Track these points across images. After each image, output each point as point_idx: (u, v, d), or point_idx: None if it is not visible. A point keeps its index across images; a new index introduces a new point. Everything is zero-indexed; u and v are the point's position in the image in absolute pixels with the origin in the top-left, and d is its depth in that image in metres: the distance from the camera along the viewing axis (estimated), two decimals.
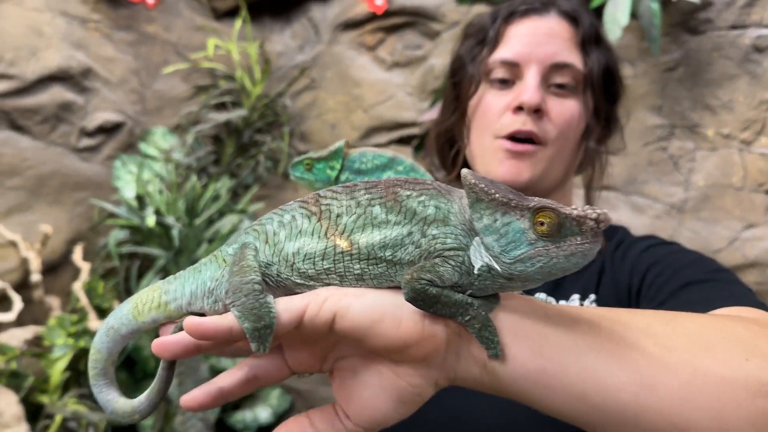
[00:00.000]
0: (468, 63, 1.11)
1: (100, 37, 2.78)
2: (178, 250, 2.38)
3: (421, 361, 0.53)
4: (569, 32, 1.08)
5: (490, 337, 0.52)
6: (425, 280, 0.51)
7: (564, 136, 1.06)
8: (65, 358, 2.31)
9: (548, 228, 0.50)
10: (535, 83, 1.03)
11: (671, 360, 0.53)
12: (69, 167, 2.65)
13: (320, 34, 2.93)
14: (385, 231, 0.54)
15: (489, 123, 1.07)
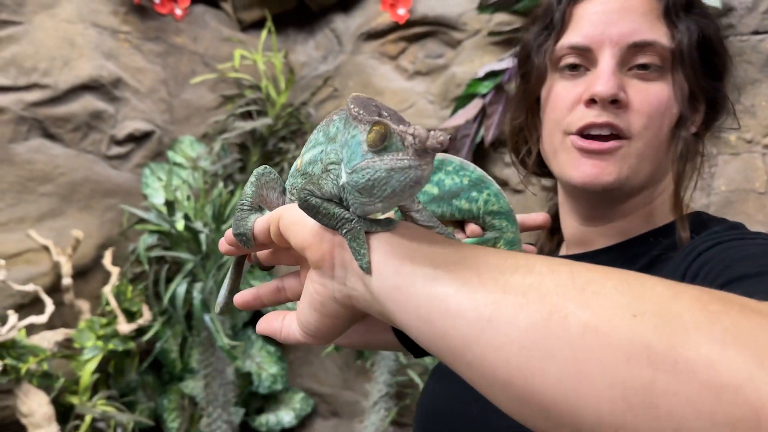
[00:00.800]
0: (534, 51, 0.98)
1: (129, 48, 2.86)
2: (206, 255, 2.43)
3: (317, 266, 0.55)
4: (649, 2, 0.91)
5: (358, 248, 0.52)
6: (307, 190, 0.53)
7: (653, 126, 0.89)
8: (95, 360, 2.37)
9: (372, 138, 0.49)
10: (609, 70, 0.88)
11: (531, 296, 0.44)
12: (99, 174, 2.72)
13: (343, 45, 2.98)
14: (314, 150, 0.60)
15: (558, 117, 0.94)
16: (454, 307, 0.47)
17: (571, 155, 0.92)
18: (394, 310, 0.50)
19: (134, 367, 2.58)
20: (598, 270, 0.45)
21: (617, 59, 0.89)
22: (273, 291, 0.68)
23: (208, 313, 2.35)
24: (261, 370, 2.79)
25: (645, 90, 0.89)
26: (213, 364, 2.46)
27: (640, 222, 0.97)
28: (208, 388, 2.49)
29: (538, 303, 0.43)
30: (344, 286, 0.54)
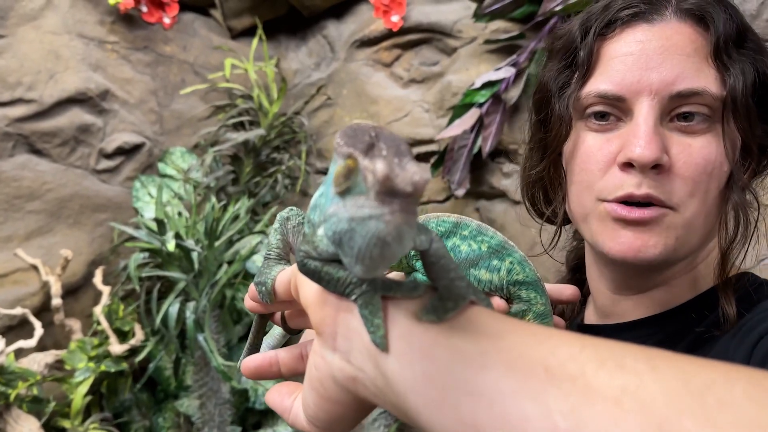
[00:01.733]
0: (555, 95, 0.83)
1: (117, 59, 2.79)
2: (198, 273, 2.37)
3: (317, 332, 0.45)
4: (695, 41, 0.75)
5: (371, 316, 0.41)
6: (302, 251, 0.44)
7: (699, 192, 0.74)
8: (87, 382, 2.32)
9: (336, 178, 0.38)
10: (648, 129, 0.72)
11: (627, 404, 0.33)
12: (89, 189, 2.66)
13: (336, 52, 2.92)
14: (321, 188, 0.47)
15: (590, 180, 0.79)
16: (516, 413, 0.35)
17: (607, 225, 0.77)
18: (418, 405, 0.39)
19: (128, 387, 2.53)
20: (717, 369, 0.33)
21: (657, 113, 0.74)
22: (294, 358, 0.57)
23: (202, 332, 2.29)
24: (257, 386, 2.73)
25: (689, 147, 0.74)
26: (208, 384, 2.41)
27: (683, 290, 0.84)
28: (203, 408, 2.43)
29: (640, 415, 0.32)
30: (347, 364, 0.43)
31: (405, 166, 0.36)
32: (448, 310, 0.41)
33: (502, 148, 2.42)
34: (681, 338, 0.80)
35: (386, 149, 0.37)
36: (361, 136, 0.39)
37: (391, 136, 0.39)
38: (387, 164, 0.35)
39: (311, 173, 2.93)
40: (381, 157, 0.36)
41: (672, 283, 0.84)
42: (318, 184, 2.90)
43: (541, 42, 2.31)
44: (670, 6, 0.77)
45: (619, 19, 0.78)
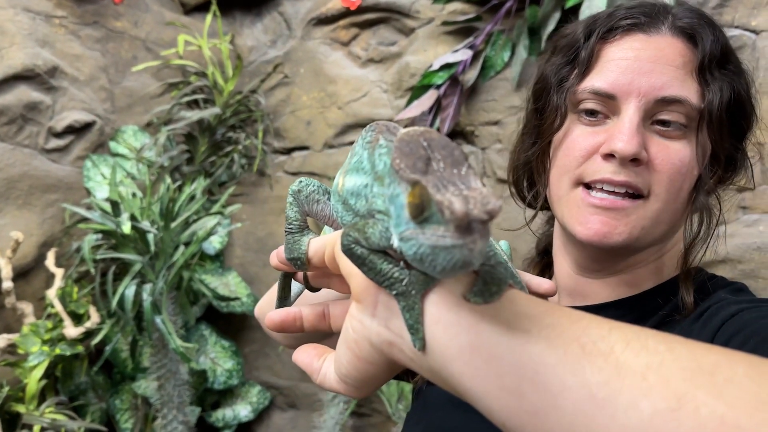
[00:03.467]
0: (553, 87, 0.91)
1: (66, 34, 2.71)
2: (154, 254, 2.35)
3: (357, 299, 0.49)
4: (684, 55, 0.84)
5: (411, 320, 0.45)
6: (351, 237, 0.47)
7: (673, 188, 0.83)
8: (41, 366, 2.28)
9: (411, 207, 0.41)
10: (632, 126, 0.81)
11: (651, 378, 0.38)
12: (38, 169, 2.59)
13: (293, 29, 2.89)
14: (356, 177, 0.52)
15: (571, 165, 0.87)
16: (558, 383, 0.40)
17: (579, 208, 0.85)
18: (462, 373, 0.43)
19: (83, 370, 2.50)
20: (721, 352, 0.40)
21: (642, 113, 0.82)
22: (317, 315, 0.61)
23: (159, 314, 2.28)
24: (216, 366, 2.74)
25: (666, 148, 0.83)
26: (166, 365, 2.40)
27: (646, 278, 0.92)
28: (162, 390, 2.43)
29: (662, 388, 0.37)
30: (385, 330, 0.47)
31: (472, 186, 0.39)
32: (492, 293, 0.45)
33: (460, 129, 2.45)
34: (644, 321, 0.86)
35: (443, 160, 0.41)
36: (415, 150, 0.42)
37: (442, 141, 0.43)
38: (461, 200, 0.38)
39: (268, 152, 2.92)
40: (447, 184, 0.39)
41: (636, 270, 0.91)
42: (275, 163, 2.89)
43: (498, 24, 2.33)
44: (666, 22, 0.86)
45: (620, 27, 0.86)
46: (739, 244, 1.99)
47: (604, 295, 0.93)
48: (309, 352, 0.58)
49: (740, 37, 1.99)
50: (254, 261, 2.94)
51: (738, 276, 2.01)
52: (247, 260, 2.95)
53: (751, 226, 2.00)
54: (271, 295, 1.06)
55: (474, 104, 2.42)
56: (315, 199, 0.61)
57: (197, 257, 2.63)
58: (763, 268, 1.97)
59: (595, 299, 0.94)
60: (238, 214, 2.90)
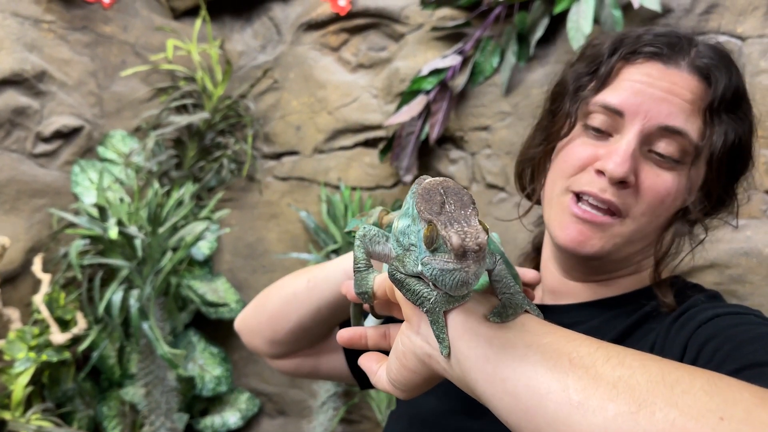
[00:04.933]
0: (569, 94, 0.95)
1: (54, 39, 2.69)
2: (142, 260, 2.33)
3: (407, 318, 0.62)
4: (696, 93, 0.87)
5: (438, 332, 0.58)
6: (394, 265, 0.60)
7: (652, 214, 0.89)
8: (27, 372, 2.26)
9: (425, 239, 0.55)
10: (628, 150, 0.85)
11: (621, 387, 0.48)
12: (26, 174, 2.57)
13: (282, 34, 2.89)
14: (404, 220, 0.64)
15: (565, 171, 0.92)
16: (544, 387, 0.51)
17: (563, 214, 0.92)
18: (477, 379, 0.55)
19: (70, 377, 2.48)
20: (686, 369, 0.48)
21: (642, 137, 0.87)
22: (379, 335, 0.75)
23: (147, 320, 2.26)
24: (204, 373, 2.72)
25: (656, 177, 0.88)
26: (154, 372, 2.38)
27: (626, 284, 0.98)
28: (149, 396, 2.41)
29: (628, 395, 0.46)
30: (426, 344, 0.60)
31: (471, 224, 0.53)
32: (508, 315, 0.58)
33: (449, 134, 2.46)
34: (627, 317, 0.91)
35: (454, 204, 0.55)
36: (433, 197, 0.56)
37: (455, 189, 0.57)
38: (458, 235, 0.52)
39: (258, 157, 2.91)
40: (452, 223, 0.53)
41: (616, 278, 0.97)
42: (265, 168, 2.88)
43: (487, 30, 2.34)
44: (687, 57, 0.89)
45: (643, 53, 0.90)
46: (726, 249, 2.00)
47: (585, 296, 0.99)
48: (371, 357, 0.71)
49: (726, 44, 2.00)
50: (243, 267, 2.92)
51: (726, 281, 2.01)
52: (236, 266, 2.93)
53: (739, 232, 2.01)
54: (253, 309, 1.16)
55: (463, 110, 2.42)
56: (376, 241, 0.71)
57: (185, 263, 2.61)
58: (751, 273, 1.98)
59: (577, 299, 1.00)
60: (227, 220, 2.89)
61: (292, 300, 1.06)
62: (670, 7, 2.05)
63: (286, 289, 1.08)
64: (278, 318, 1.08)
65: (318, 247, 2.71)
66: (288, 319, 1.07)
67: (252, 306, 1.16)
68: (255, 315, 1.14)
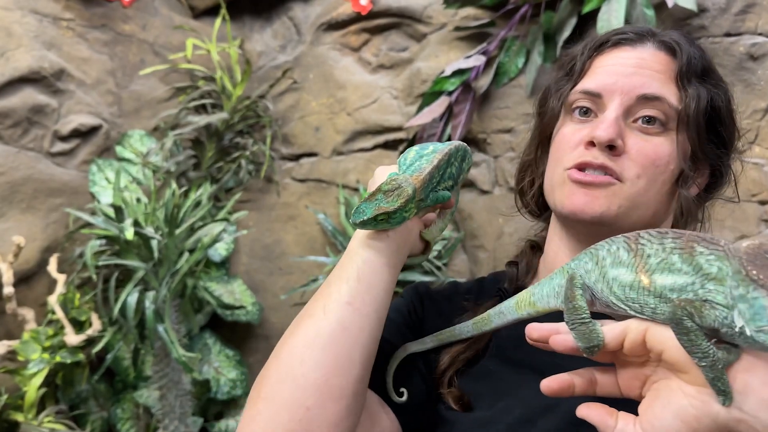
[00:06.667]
0: (553, 94, 1.03)
1: (73, 37, 2.68)
2: (158, 261, 2.30)
3: (697, 383, 0.61)
4: (665, 64, 0.95)
5: (722, 387, 0.59)
6: (687, 311, 0.60)
7: (647, 176, 0.92)
8: (41, 373, 2.24)
9: None
10: (612, 117, 0.91)
11: None
12: (43, 173, 2.55)
13: (302, 34, 2.85)
14: (676, 277, 0.64)
15: (561, 155, 0.97)
16: None
17: (566, 185, 0.95)
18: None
19: (84, 378, 2.45)
20: None
21: (624, 108, 0.92)
22: (586, 382, 0.71)
23: (162, 323, 2.23)
24: (219, 376, 2.68)
25: (644, 141, 0.92)
26: (168, 374, 2.35)
27: None
28: (164, 400, 2.37)
29: None
30: (737, 411, 0.60)
31: None
32: None
33: (472, 137, 2.40)
34: None
35: None
36: (766, 262, 0.58)
37: None
38: None
39: (276, 158, 2.87)
40: None
41: None
42: (283, 170, 2.84)
43: (512, 30, 2.28)
44: (652, 38, 0.98)
45: (610, 41, 0.99)
46: None
47: None
48: (599, 410, 0.68)
49: (764, 45, 1.93)
50: (260, 269, 2.88)
51: None
52: (253, 268, 2.89)
53: None
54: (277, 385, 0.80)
55: (486, 111, 2.36)
56: (586, 288, 0.73)
57: (202, 264, 2.58)
58: None
59: None
60: (245, 221, 2.85)
61: (343, 338, 0.78)
62: (704, 6, 1.98)
63: (327, 328, 0.79)
64: (335, 373, 0.77)
65: (336, 250, 2.66)
66: (352, 364, 0.78)
67: (272, 383, 0.78)
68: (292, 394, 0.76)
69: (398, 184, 0.80)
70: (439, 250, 2.48)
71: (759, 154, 1.98)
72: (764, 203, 1.99)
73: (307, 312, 0.82)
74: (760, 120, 1.97)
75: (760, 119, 1.97)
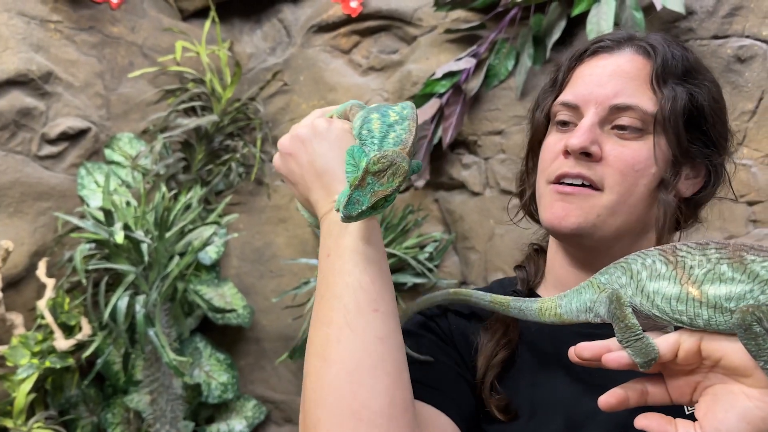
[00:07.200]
0: (539, 107, 1.05)
1: (61, 39, 2.66)
2: (148, 265, 2.29)
3: (746, 374, 0.63)
4: (641, 68, 0.95)
5: None
6: (756, 316, 0.62)
7: (627, 182, 0.92)
8: (30, 379, 2.22)
9: None
10: (586, 125, 0.92)
11: None
12: (30, 176, 2.53)
13: (292, 36, 2.84)
14: (731, 286, 0.65)
15: (544, 167, 0.99)
16: None
17: (547, 199, 0.97)
18: None
19: (74, 383, 2.43)
20: None
21: (598, 117, 0.94)
22: (639, 393, 0.72)
23: (152, 327, 2.22)
24: (210, 380, 2.67)
25: (621, 147, 0.93)
26: (159, 379, 2.33)
27: None
28: (154, 404, 2.36)
29: None
30: None
31: None
32: None
33: (462, 139, 2.40)
34: None
35: None
36: None
37: None
38: None
39: (266, 161, 2.86)
40: None
41: None
42: (274, 172, 2.84)
43: (502, 33, 2.29)
44: (630, 44, 0.98)
45: (590, 50, 1.00)
46: None
47: None
48: (658, 420, 0.69)
49: (751, 47, 1.95)
50: (251, 272, 2.87)
51: None
52: (244, 271, 2.88)
53: (762, 240, 1.95)
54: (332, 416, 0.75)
55: (477, 113, 2.37)
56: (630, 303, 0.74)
57: (192, 267, 2.57)
58: None
59: None
60: (235, 224, 2.84)
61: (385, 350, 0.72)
62: (692, 9, 2.00)
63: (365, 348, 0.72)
64: (394, 390, 0.71)
65: None
66: (401, 369, 0.74)
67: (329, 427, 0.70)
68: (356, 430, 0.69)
69: (390, 161, 0.70)
70: (430, 252, 2.48)
71: (747, 155, 2.00)
72: (752, 204, 2.01)
73: (332, 338, 0.73)
74: (747, 121, 1.99)
75: (748, 120, 1.99)
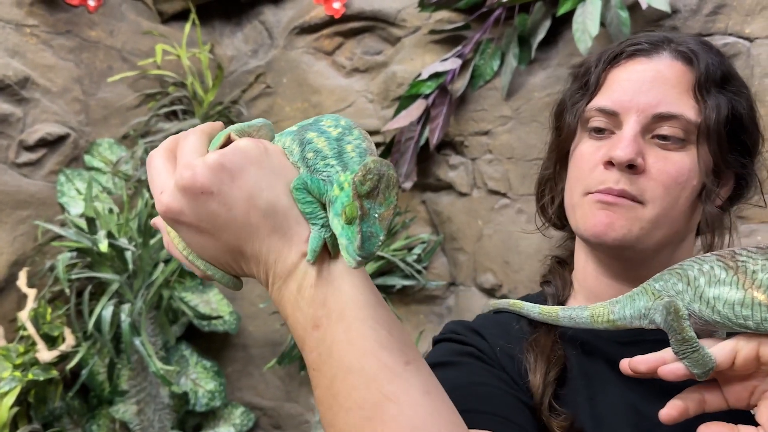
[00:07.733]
0: (568, 109, 1.00)
1: (37, 44, 2.60)
2: (133, 273, 2.25)
3: None
4: (682, 75, 0.92)
5: None
6: None
7: (669, 196, 0.90)
8: (13, 392, 2.17)
9: None
10: (630, 135, 0.89)
11: None
12: (8, 184, 2.48)
13: (274, 38, 2.81)
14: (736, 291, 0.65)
15: (580, 175, 0.95)
16: None
17: (588, 208, 0.93)
18: None
19: (58, 395, 2.38)
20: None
21: (641, 126, 0.90)
22: (697, 402, 0.72)
23: (138, 336, 2.18)
24: (197, 387, 2.63)
25: (664, 158, 0.90)
26: (146, 388, 2.29)
27: None
28: (141, 414, 2.32)
29: None
30: None
31: None
32: None
33: (449, 140, 2.40)
34: None
35: None
36: None
37: None
38: None
39: None
40: None
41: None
42: None
43: (487, 33, 2.28)
44: (668, 47, 0.94)
45: (625, 52, 0.95)
46: None
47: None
48: (721, 429, 0.69)
49: (734, 45, 1.96)
50: None
51: None
52: None
53: (749, 237, 1.96)
54: None
55: (463, 114, 2.36)
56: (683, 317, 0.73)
57: (176, 275, 2.53)
58: None
59: None
60: None
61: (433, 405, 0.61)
62: (676, 7, 2.01)
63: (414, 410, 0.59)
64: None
65: None
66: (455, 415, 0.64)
67: None
68: None
69: (377, 173, 0.59)
70: (418, 253, 2.47)
71: None
72: None
73: (374, 420, 0.58)
74: None
75: None
